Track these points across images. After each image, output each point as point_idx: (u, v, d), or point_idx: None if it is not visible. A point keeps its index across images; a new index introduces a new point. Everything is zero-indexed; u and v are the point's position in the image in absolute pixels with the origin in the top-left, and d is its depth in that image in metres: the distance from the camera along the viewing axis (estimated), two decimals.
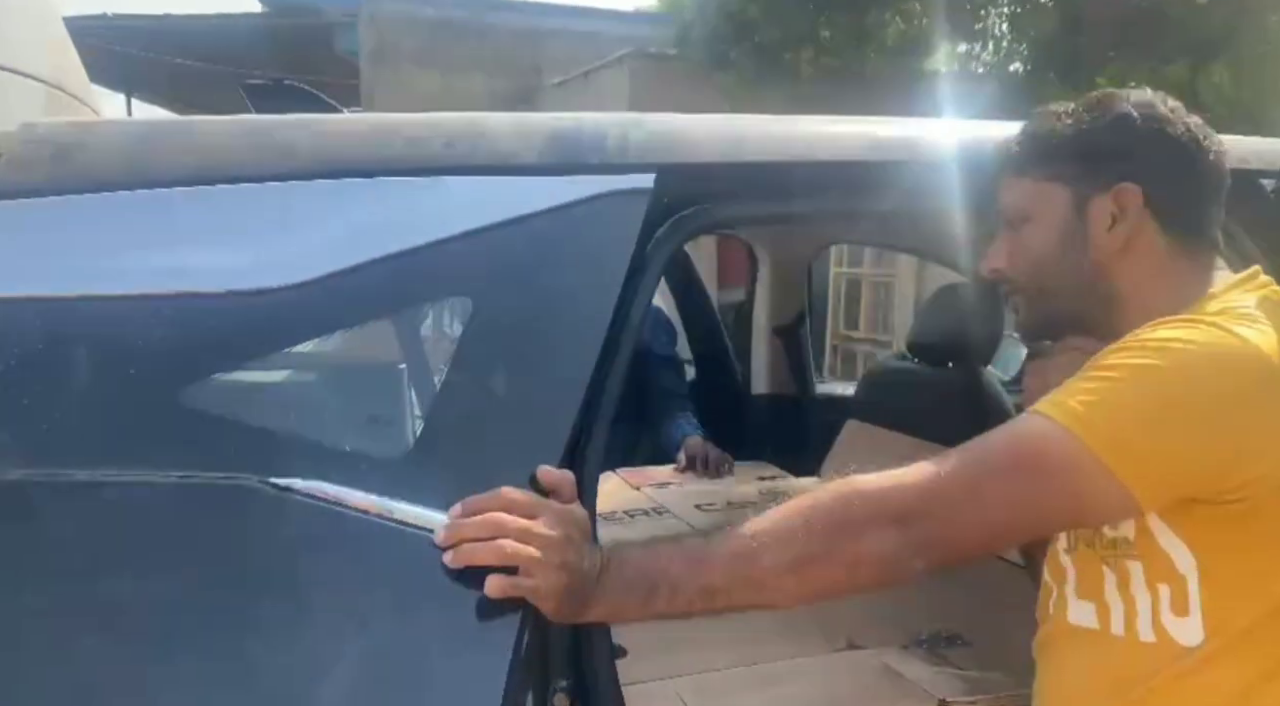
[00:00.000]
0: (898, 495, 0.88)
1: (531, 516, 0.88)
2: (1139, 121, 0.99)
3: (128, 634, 0.80)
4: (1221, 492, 0.86)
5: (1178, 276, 0.99)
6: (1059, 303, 1.04)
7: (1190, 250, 1.00)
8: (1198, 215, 1.00)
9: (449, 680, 0.85)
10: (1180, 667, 0.91)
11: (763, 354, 2.76)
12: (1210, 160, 0.99)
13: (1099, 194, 0.99)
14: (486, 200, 1.03)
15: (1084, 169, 1.00)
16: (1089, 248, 1.00)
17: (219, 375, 0.91)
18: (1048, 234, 1.02)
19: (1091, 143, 1.00)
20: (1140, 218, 0.98)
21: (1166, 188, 0.98)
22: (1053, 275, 1.02)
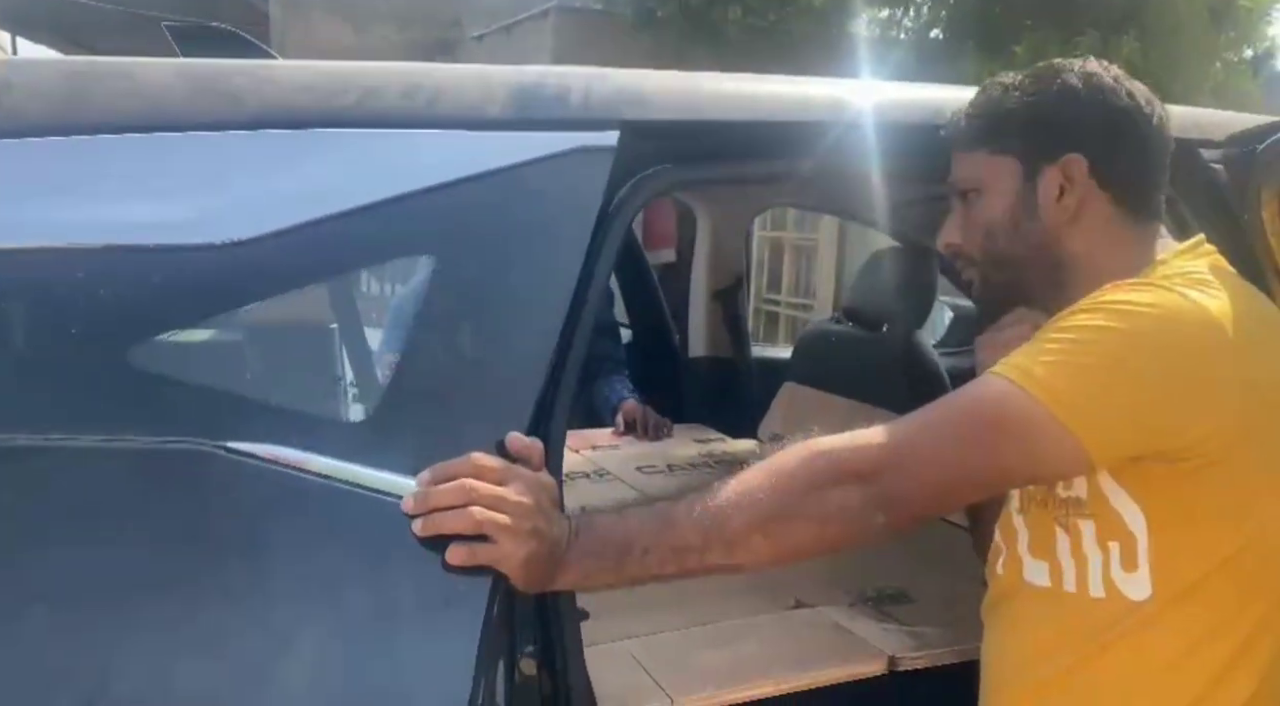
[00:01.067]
0: (863, 454, 0.89)
1: (501, 483, 0.86)
2: (1084, 92, 1.00)
3: (77, 606, 0.75)
4: (1172, 451, 0.89)
5: (1126, 244, 1.01)
6: (1012, 274, 1.06)
7: (1137, 218, 1.02)
8: (1143, 183, 1.03)
9: (421, 648, 0.83)
10: (1129, 623, 0.94)
11: (700, 317, 2.76)
12: (1154, 127, 1.02)
13: (1047, 165, 1.01)
14: (447, 154, 0.99)
15: (1032, 141, 1.02)
16: (1039, 218, 1.02)
17: (165, 335, 0.85)
18: (999, 206, 1.04)
19: (1038, 114, 1.02)
20: (1087, 187, 1.00)
21: (1112, 157, 1.00)
22: (1005, 247, 1.04)
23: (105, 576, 0.77)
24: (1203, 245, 1.02)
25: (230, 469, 0.83)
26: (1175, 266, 0.97)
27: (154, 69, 0.94)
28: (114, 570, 0.77)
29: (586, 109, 1.06)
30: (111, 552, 0.78)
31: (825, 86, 1.20)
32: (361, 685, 0.79)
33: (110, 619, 0.76)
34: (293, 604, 0.82)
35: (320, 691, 0.79)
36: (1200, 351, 0.88)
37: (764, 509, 0.89)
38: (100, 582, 0.77)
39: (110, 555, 0.78)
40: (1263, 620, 0.93)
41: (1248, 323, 0.90)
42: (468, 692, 0.80)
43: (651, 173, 1.11)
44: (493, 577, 0.85)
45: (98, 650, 0.76)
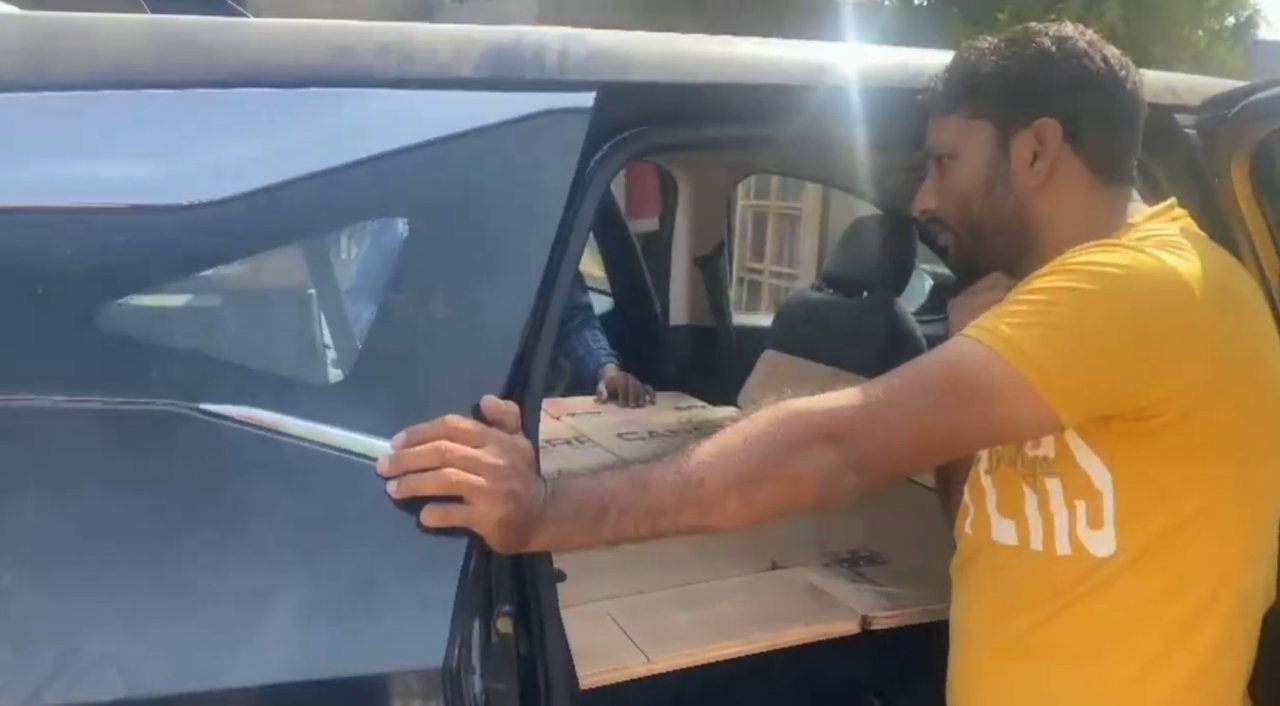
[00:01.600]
0: (835, 415, 0.90)
1: (476, 445, 0.86)
2: (1058, 56, 1.01)
3: (52, 567, 0.75)
4: (1138, 410, 0.90)
5: (1098, 209, 1.02)
6: (985, 239, 1.06)
7: (1109, 182, 1.03)
8: (1116, 148, 1.04)
9: (398, 608, 0.83)
10: (1094, 580, 0.96)
11: (682, 284, 2.76)
12: (1128, 92, 1.02)
13: (1021, 129, 1.01)
14: (421, 115, 0.98)
15: (1006, 105, 1.02)
16: (1012, 183, 1.03)
17: (133, 297, 0.85)
18: (973, 170, 1.04)
19: (1012, 78, 1.02)
20: (1060, 151, 1.01)
21: (1086, 121, 1.01)
22: (978, 212, 1.05)
23: (81, 535, 0.77)
24: (1174, 209, 1.03)
25: (205, 430, 0.83)
26: (1146, 229, 0.98)
27: (121, 25, 0.92)
28: (90, 528, 0.77)
29: (563, 70, 1.05)
30: (85, 511, 0.78)
31: (807, 50, 1.20)
32: (337, 646, 0.80)
33: (89, 576, 0.76)
34: (271, 565, 0.82)
35: (295, 652, 0.79)
36: (1168, 311, 0.89)
37: (737, 471, 0.89)
38: (76, 541, 0.77)
39: (84, 513, 0.78)
40: (1226, 574, 0.95)
41: (1215, 284, 0.91)
42: (443, 652, 0.81)
43: (630, 135, 1.10)
44: (468, 539, 0.86)
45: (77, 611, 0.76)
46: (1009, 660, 1.04)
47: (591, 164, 1.06)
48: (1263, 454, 0.96)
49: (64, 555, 0.76)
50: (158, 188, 0.87)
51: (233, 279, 0.91)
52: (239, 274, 0.90)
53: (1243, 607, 0.98)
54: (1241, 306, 0.95)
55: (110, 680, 0.72)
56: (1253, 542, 0.98)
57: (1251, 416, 0.93)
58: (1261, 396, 0.94)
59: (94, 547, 0.77)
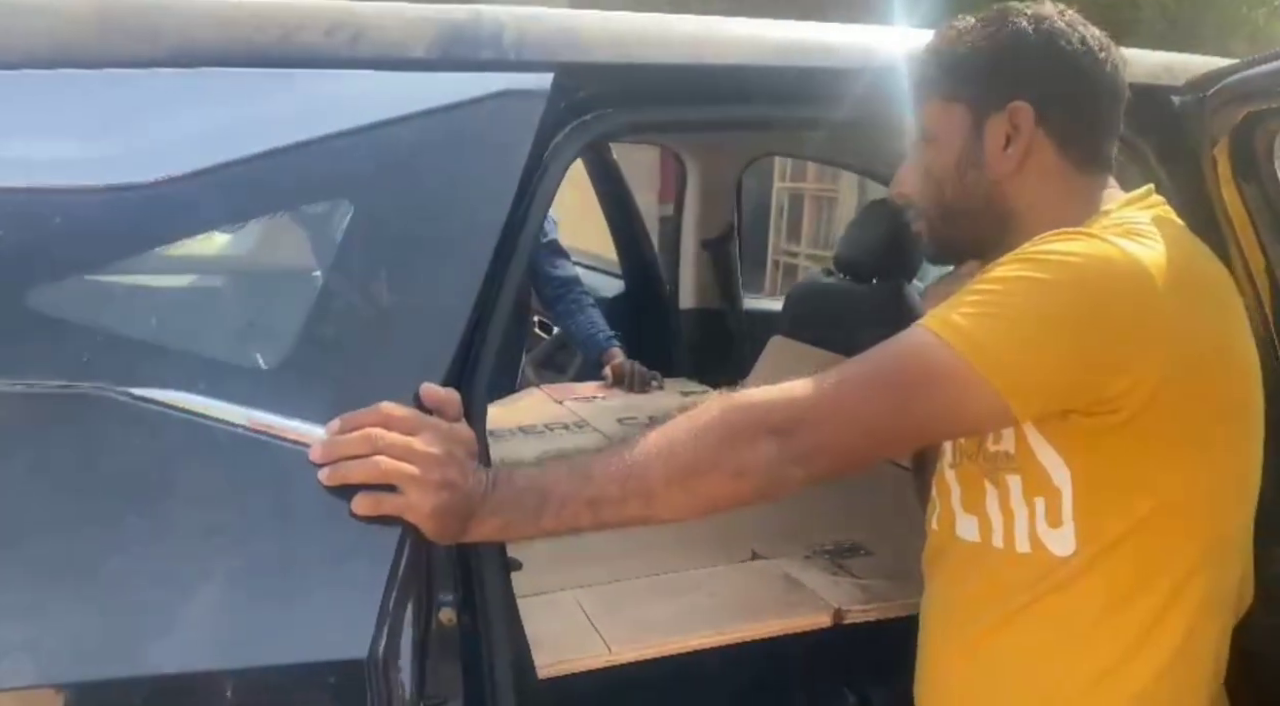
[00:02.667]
0: (780, 407, 0.87)
1: (411, 432, 0.85)
2: (1033, 37, 0.97)
3: None
4: (1097, 404, 0.86)
5: (1072, 195, 0.98)
6: (958, 224, 1.03)
7: (1083, 168, 0.99)
8: (1092, 132, 0.99)
9: (324, 597, 0.82)
10: (1054, 579, 0.93)
11: (690, 268, 2.73)
12: (1107, 74, 0.98)
13: (995, 113, 0.98)
14: (369, 95, 0.97)
15: (980, 88, 0.98)
16: (985, 168, 0.99)
17: (67, 278, 0.85)
18: (947, 155, 1.01)
19: (986, 61, 0.98)
20: (1034, 136, 0.97)
21: (1060, 104, 0.97)
22: (951, 196, 1.02)
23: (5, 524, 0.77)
24: (1150, 196, 0.99)
25: (137, 415, 0.82)
26: (1117, 216, 0.94)
27: (68, 4, 0.92)
28: (10, 510, 0.78)
29: (519, 50, 1.03)
30: (14, 499, 0.78)
31: (776, 29, 1.16)
32: (259, 633, 0.79)
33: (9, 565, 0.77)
34: (204, 550, 0.82)
35: (220, 637, 0.79)
36: (1125, 301, 0.85)
37: (681, 462, 0.87)
38: None
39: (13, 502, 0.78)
40: (1188, 575, 0.92)
41: (1180, 274, 0.87)
42: (368, 641, 0.80)
43: (592, 117, 1.08)
44: (402, 528, 0.85)
45: None
46: (969, 659, 1.01)
47: (551, 146, 1.04)
48: (1228, 447, 0.92)
49: None
50: (97, 167, 0.86)
51: (171, 260, 0.90)
52: (178, 255, 0.90)
53: (1210, 608, 0.94)
54: (1207, 295, 0.91)
55: (24, 666, 0.72)
56: (1219, 541, 0.94)
57: (1216, 409, 0.89)
58: (1227, 388, 0.90)
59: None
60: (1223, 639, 0.98)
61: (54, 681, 0.74)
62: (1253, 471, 0.96)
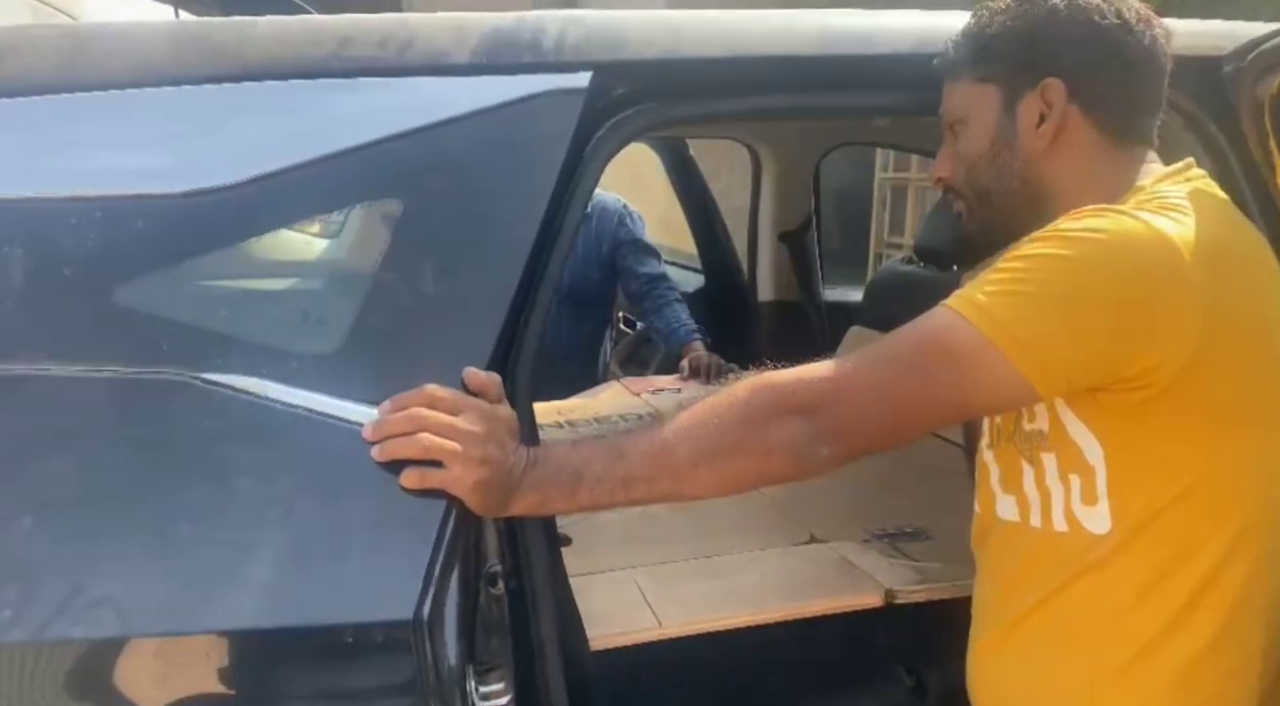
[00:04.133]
0: (806, 387, 0.89)
1: (455, 412, 0.91)
2: (1065, 12, 0.97)
3: (64, 522, 0.85)
4: (1124, 381, 0.86)
5: (1108, 171, 0.97)
6: (996, 206, 1.03)
7: (1119, 144, 0.98)
8: (1128, 107, 0.98)
9: (375, 565, 0.89)
10: (1093, 557, 0.93)
11: (768, 260, 2.74)
12: (1144, 47, 0.97)
13: (1027, 91, 0.98)
14: (419, 101, 1.03)
15: (1012, 67, 0.99)
16: (1019, 148, 0.99)
17: (151, 275, 0.94)
18: (981, 136, 1.02)
19: (1018, 39, 0.98)
20: (1067, 112, 0.97)
21: (1094, 81, 0.96)
22: (987, 178, 1.02)
23: (95, 492, 0.87)
24: (1190, 170, 0.97)
25: (210, 397, 0.91)
26: (1150, 191, 0.93)
27: (145, 29, 1.01)
28: (103, 487, 0.87)
29: (559, 52, 1.08)
30: (102, 472, 0.88)
31: (813, 17, 1.18)
32: (315, 595, 0.87)
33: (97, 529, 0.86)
34: (268, 520, 0.90)
35: (280, 598, 0.86)
36: (1150, 277, 0.84)
37: (709, 442, 0.90)
38: (88, 497, 0.87)
39: (101, 474, 0.88)
40: (1228, 552, 0.90)
41: (1212, 247, 0.85)
42: (414, 604, 0.86)
43: (632, 112, 1.12)
44: (447, 501, 0.91)
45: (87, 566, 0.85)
46: (1013, 638, 1.02)
47: (592, 142, 1.09)
48: (1267, 425, 0.89)
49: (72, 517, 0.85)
50: (178, 175, 0.96)
51: (243, 257, 0.99)
52: (249, 252, 0.98)
53: (1249, 589, 0.92)
54: (1241, 269, 0.89)
55: (109, 618, 0.82)
56: (1259, 522, 0.91)
57: (1252, 383, 0.88)
58: (1267, 366, 0.88)
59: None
60: (1267, 620, 0.95)
61: (134, 633, 0.83)
62: None
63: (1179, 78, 1.12)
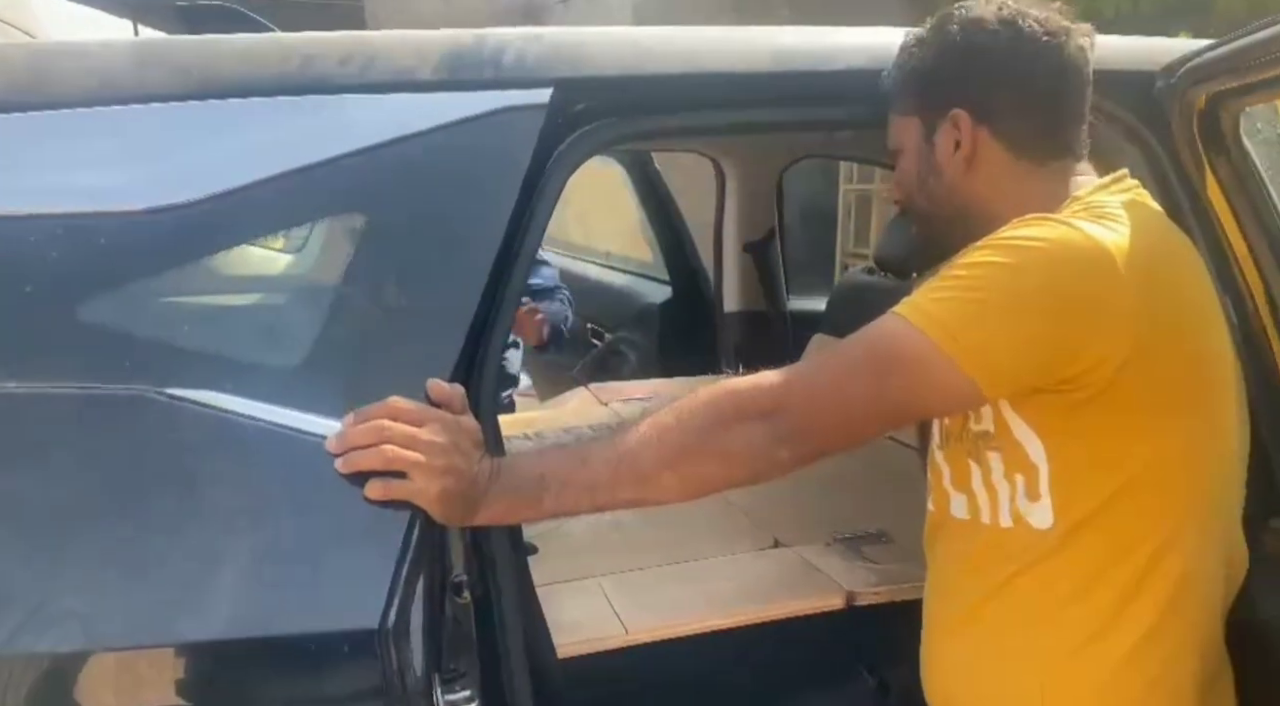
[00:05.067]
0: (765, 392, 0.92)
1: (418, 424, 0.92)
2: (960, 43, 1.01)
3: (28, 537, 0.85)
4: (1063, 382, 0.89)
5: (1031, 187, 1.00)
6: (934, 228, 1.09)
7: (1040, 160, 1.01)
8: (1044, 123, 1.01)
9: (340, 576, 0.90)
10: (1037, 552, 0.96)
11: (733, 271, 2.77)
12: (1056, 61, 0.99)
13: (941, 121, 1.02)
14: (380, 117, 1.05)
15: (925, 100, 1.04)
16: (941, 173, 1.04)
17: (114, 292, 0.95)
18: (911, 165, 1.07)
19: (927, 72, 1.04)
20: (978, 137, 1.01)
21: (1000, 103, 1.00)
22: (921, 202, 1.08)
23: (60, 508, 0.87)
24: (1124, 180, 1.01)
25: (175, 412, 0.92)
26: (1086, 201, 0.97)
27: (107, 48, 1.02)
28: (69, 502, 0.88)
29: (520, 68, 1.10)
30: (66, 488, 0.88)
31: (763, 34, 1.21)
32: (280, 607, 0.88)
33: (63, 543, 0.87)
34: (233, 532, 0.91)
35: (245, 610, 0.87)
36: (1088, 282, 0.88)
37: (671, 446, 0.93)
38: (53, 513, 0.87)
39: (65, 491, 0.88)
40: (1165, 542, 0.94)
41: (1144, 254, 0.89)
42: (379, 614, 0.87)
43: (593, 128, 1.14)
44: (412, 512, 0.92)
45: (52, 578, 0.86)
46: (963, 633, 1.05)
47: (553, 156, 1.11)
48: (1199, 423, 0.94)
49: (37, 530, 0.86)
50: (136, 192, 0.96)
51: (206, 272, 0.99)
52: (211, 267, 0.99)
53: (1193, 577, 0.96)
54: (1172, 275, 0.93)
55: (74, 633, 0.82)
56: (1193, 513, 0.96)
57: (1183, 385, 0.92)
58: (1195, 364, 0.93)
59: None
60: (1212, 606, 0.99)
61: (99, 647, 0.84)
62: (1227, 445, 0.97)
63: (1119, 91, 1.17)
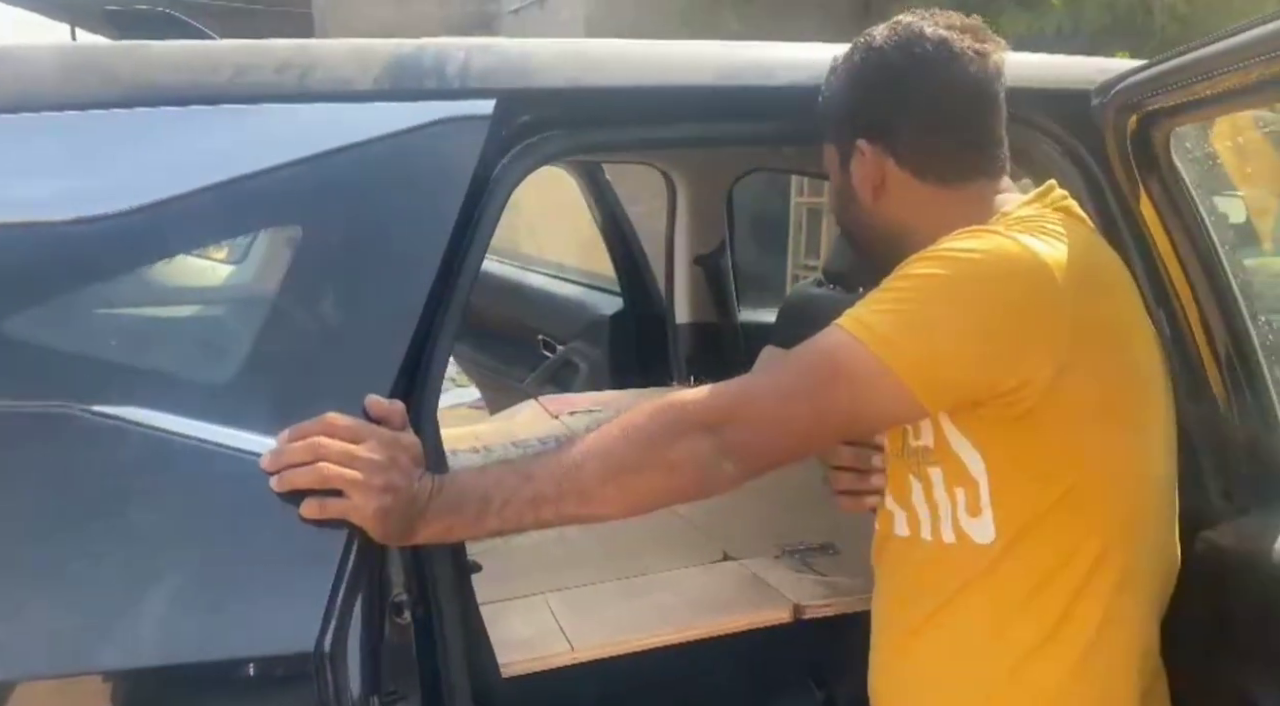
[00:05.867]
0: (710, 404, 0.92)
1: (356, 441, 0.90)
2: (863, 71, 1.03)
3: None
4: (1001, 395, 0.90)
5: (946, 211, 0.99)
6: (863, 247, 1.12)
7: (951, 184, 1.02)
8: (950, 146, 1.02)
9: (275, 597, 0.88)
10: (979, 567, 0.96)
11: (684, 283, 2.78)
12: (956, 88, 1.00)
13: (851, 150, 1.04)
14: (318, 127, 1.03)
15: (835, 131, 1.07)
16: (858, 199, 1.06)
17: (36, 305, 0.91)
18: (835, 191, 1.10)
19: (836, 104, 1.06)
20: (884, 167, 1.02)
21: (899, 132, 1.01)
22: (849, 225, 1.11)
23: None
24: (1052, 192, 1.02)
25: (102, 431, 0.89)
26: (1016, 215, 0.98)
27: (33, 53, 0.99)
28: None
29: (463, 79, 1.09)
30: None
31: (711, 49, 1.21)
32: (212, 630, 0.85)
33: None
34: (163, 553, 0.88)
35: (175, 634, 0.84)
36: (1025, 293, 0.89)
37: (616, 459, 0.92)
38: None
39: None
40: (1104, 552, 0.95)
41: (1076, 266, 0.90)
42: (315, 636, 0.85)
43: (537, 140, 1.13)
44: (349, 530, 0.90)
45: None
46: (910, 649, 1.05)
47: (497, 168, 1.10)
48: (1131, 432, 0.95)
49: None
50: (60, 203, 0.93)
51: (134, 286, 0.97)
52: (140, 281, 0.96)
53: (1130, 585, 0.97)
54: (1105, 287, 0.95)
55: None
56: (1132, 520, 0.97)
57: (1115, 391, 0.93)
58: (1128, 375, 0.94)
59: None
60: (1148, 613, 1.01)
61: (20, 676, 0.80)
62: (1160, 455, 0.99)
63: (1057, 109, 1.19)
